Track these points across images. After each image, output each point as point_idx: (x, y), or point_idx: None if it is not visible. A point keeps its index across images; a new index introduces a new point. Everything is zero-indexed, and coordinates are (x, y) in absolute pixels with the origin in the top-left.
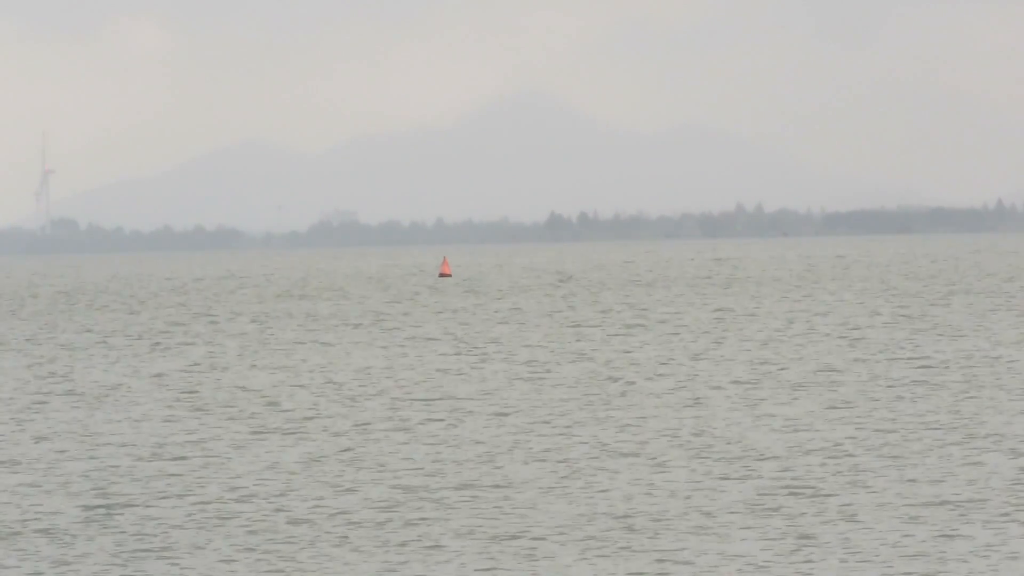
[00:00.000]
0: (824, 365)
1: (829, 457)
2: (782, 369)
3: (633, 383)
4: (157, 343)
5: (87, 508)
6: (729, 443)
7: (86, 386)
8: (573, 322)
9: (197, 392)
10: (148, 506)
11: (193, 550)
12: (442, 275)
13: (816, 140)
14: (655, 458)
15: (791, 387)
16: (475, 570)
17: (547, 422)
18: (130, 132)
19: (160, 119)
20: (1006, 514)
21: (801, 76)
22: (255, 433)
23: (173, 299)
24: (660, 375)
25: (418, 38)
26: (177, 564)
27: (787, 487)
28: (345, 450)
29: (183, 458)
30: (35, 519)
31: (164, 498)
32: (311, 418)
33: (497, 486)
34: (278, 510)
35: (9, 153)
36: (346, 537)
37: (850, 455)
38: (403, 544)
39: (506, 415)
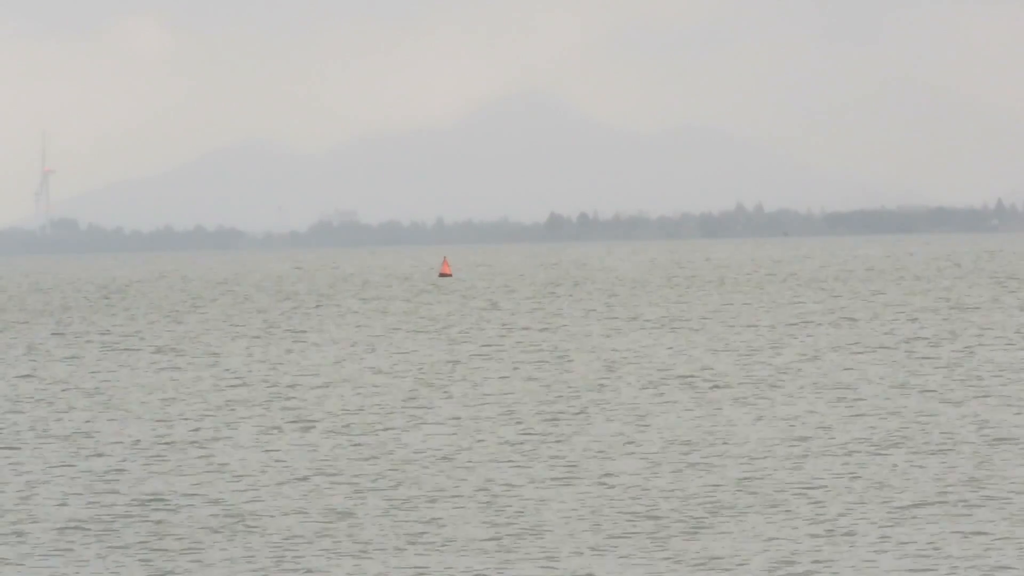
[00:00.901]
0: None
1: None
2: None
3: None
4: (167, 343)
5: (95, 507)
6: (746, 442)
7: (95, 386)
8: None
9: (213, 389)
10: (156, 505)
11: (202, 550)
12: (442, 275)
13: (816, 140)
14: (673, 457)
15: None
16: (481, 567)
17: (559, 419)
18: (130, 132)
19: (160, 119)
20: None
21: (801, 76)
22: (266, 430)
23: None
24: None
25: (418, 38)
26: (182, 564)
27: (801, 485)
28: (358, 446)
29: (193, 456)
30: (46, 519)
31: (174, 497)
32: (325, 415)
33: (510, 484)
34: (289, 508)
35: (9, 153)
36: (357, 534)
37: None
38: (415, 542)
39: (523, 413)
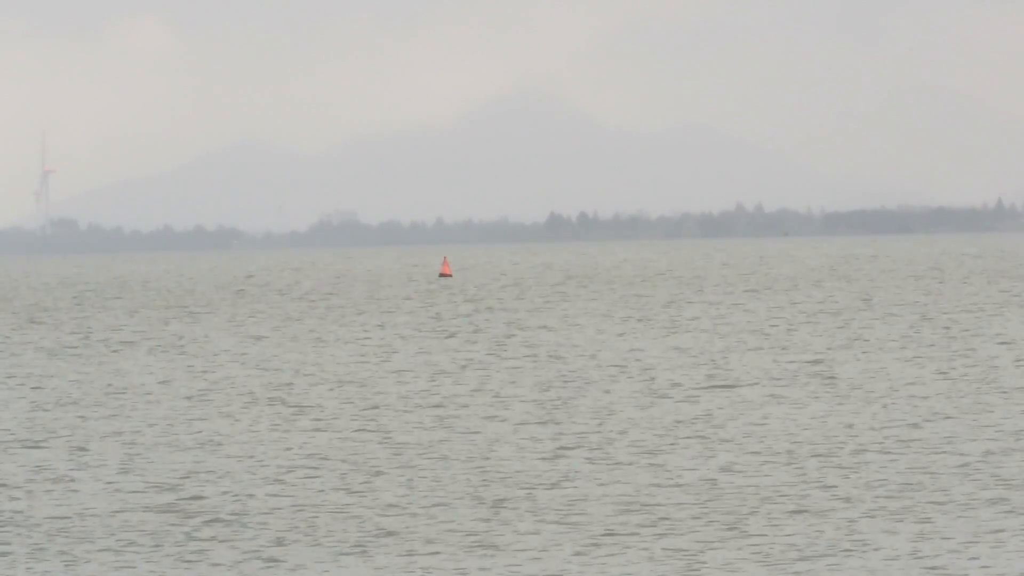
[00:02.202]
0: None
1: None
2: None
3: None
4: (175, 342)
5: (104, 505)
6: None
7: (106, 385)
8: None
9: (220, 387)
10: (167, 503)
11: (215, 546)
12: (442, 275)
13: (817, 140)
14: (675, 453)
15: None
16: (482, 566)
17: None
18: (130, 132)
19: (160, 119)
20: None
21: (802, 77)
22: (272, 429)
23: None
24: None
25: (418, 37)
26: (191, 560)
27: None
28: (365, 444)
29: (202, 455)
30: (54, 516)
31: (183, 495)
32: (332, 412)
33: (517, 483)
34: (291, 507)
35: (9, 153)
36: (363, 532)
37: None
38: (431, 540)
39: (530, 410)
